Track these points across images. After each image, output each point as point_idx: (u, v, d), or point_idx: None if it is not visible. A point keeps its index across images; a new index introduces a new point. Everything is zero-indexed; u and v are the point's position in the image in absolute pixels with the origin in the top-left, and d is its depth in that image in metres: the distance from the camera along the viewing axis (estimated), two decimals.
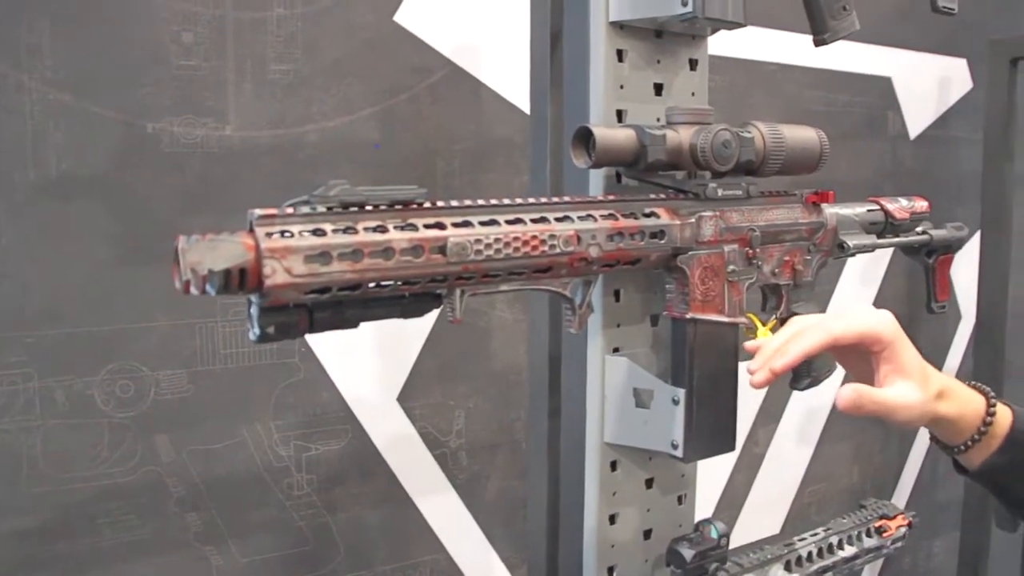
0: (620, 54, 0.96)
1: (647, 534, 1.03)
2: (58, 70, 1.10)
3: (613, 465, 0.99)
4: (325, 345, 1.31)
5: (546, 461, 1.21)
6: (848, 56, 2.02)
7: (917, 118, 2.26)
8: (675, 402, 0.93)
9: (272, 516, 1.29)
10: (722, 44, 1.02)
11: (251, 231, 0.65)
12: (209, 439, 1.23)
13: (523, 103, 1.46)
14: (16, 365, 1.10)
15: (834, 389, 2.27)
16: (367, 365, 1.36)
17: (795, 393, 2.04)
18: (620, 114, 0.96)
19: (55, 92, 1.10)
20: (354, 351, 1.35)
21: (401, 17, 1.35)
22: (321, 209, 0.68)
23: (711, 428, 0.94)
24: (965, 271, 2.11)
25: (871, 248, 1.09)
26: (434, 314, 1.40)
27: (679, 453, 0.93)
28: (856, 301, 2.14)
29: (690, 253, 0.89)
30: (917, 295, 2.25)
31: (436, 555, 1.46)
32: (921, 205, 1.13)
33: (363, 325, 0.71)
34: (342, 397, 1.34)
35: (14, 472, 1.10)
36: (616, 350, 0.98)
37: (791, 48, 1.86)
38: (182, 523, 1.22)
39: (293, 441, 1.29)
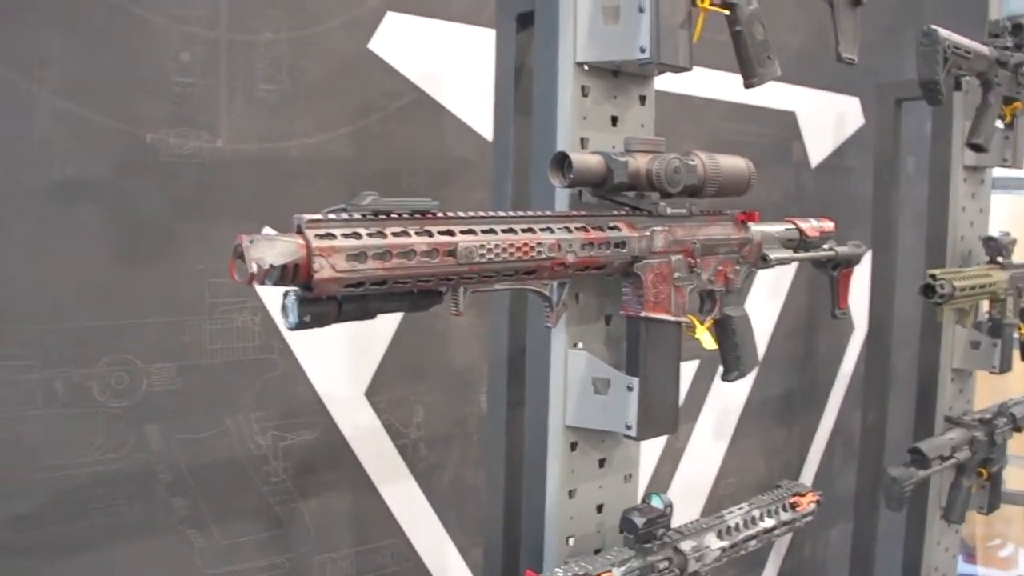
0: (584, 90, 1.11)
1: (600, 508, 1.17)
2: (66, 81, 1.18)
3: (573, 446, 1.13)
4: (302, 343, 1.42)
5: (504, 448, 1.33)
6: (759, 93, 2.23)
7: (817, 149, 2.52)
8: (629, 389, 1.07)
9: (251, 501, 1.38)
10: (657, 80, 1.18)
11: (300, 232, 0.77)
12: (196, 429, 1.31)
13: (481, 127, 1.61)
14: (18, 357, 1.16)
15: (746, 390, 2.47)
16: (339, 362, 1.47)
17: (711, 393, 2.25)
18: (583, 141, 1.11)
19: (62, 101, 1.17)
20: (327, 349, 1.46)
21: (375, 45, 1.48)
22: (356, 216, 0.81)
23: (659, 411, 1.09)
24: (857, 286, 2.35)
25: (788, 261, 1.27)
26: (398, 316, 1.53)
27: (633, 433, 1.07)
28: (765, 311, 2.37)
29: (645, 261, 1.05)
30: (817, 306, 2.51)
31: (395, 539, 1.58)
32: (828, 225, 1.33)
33: (336, 326, 0.81)
34: (316, 391, 1.45)
35: (14, 459, 1.16)
36: (576, 345, 1.12)
37: (711, 84, 2.07)
38: (169, 508, 1.29)
39: (271, 431, 1.39)
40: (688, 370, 2.17)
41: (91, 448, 1.22)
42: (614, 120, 1.15)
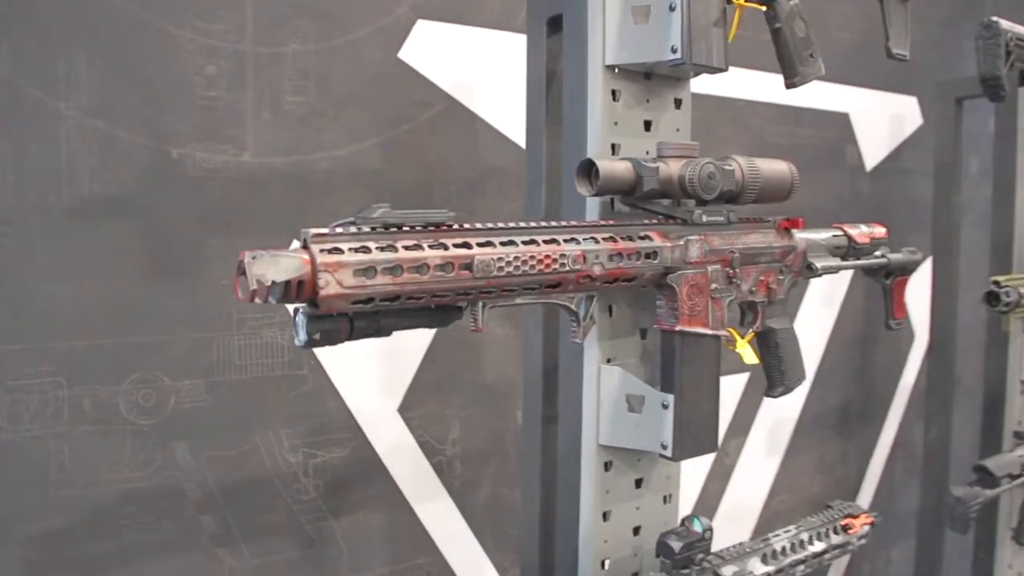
0: (614, 94, 1.06)
1: (636, 530, 1.12)
2: (92, 99, 1.18)
3: (607, 466, 1.08)
4: (332, 358, 1.39)
5: (539, 466, 1.29)
6: (809, 93, 2.16)
7: (873, 151, 2.42)
8: (664, 407, 1.02)
9: (281, 519, 1.36)
10: (695, 82, 1.13)
11: (306, 247, 0.74)
12: (224, 446, 1.30)
13: (515, 135, 1.57)
14: (47, 374, 1.16)
15: (799, 403, 2.39)
16: (370, 377, 1.45)
17: (762, 407, 2.16)
18: (614, 147, 1.06)
19: (89, 119, 1.18)
20: (359, 364, 1.43)
21: (405, 54, 1.45)
22: (366, 229, 0.77)
23: (697, 430, 1.03)
24: (918, 294, 2.26)
25: (836, 269, 1.20)
26: (432, 330, 1.49)
27: (669, 453, 1.02)
28: (820, 320, 2.28)
29: (679, 272, 0.99)
30: (874, 315, 2.40)
31: (431, 557, 1.54)
32: (880, 231, 1.25)
33: (368, 340, 0.79)
34: (347, 407, 1.42)
35: (44, 476, 1.17)
36: (609, 360, 1.08)
37: (757, 85, 2.00)
38: (197, 525, 1.28)
39: (301, 448, 1.37)
40: (738, 383, 2.09)
41: (119, 465, 1.21)
42: (647, 125, 1.10)
